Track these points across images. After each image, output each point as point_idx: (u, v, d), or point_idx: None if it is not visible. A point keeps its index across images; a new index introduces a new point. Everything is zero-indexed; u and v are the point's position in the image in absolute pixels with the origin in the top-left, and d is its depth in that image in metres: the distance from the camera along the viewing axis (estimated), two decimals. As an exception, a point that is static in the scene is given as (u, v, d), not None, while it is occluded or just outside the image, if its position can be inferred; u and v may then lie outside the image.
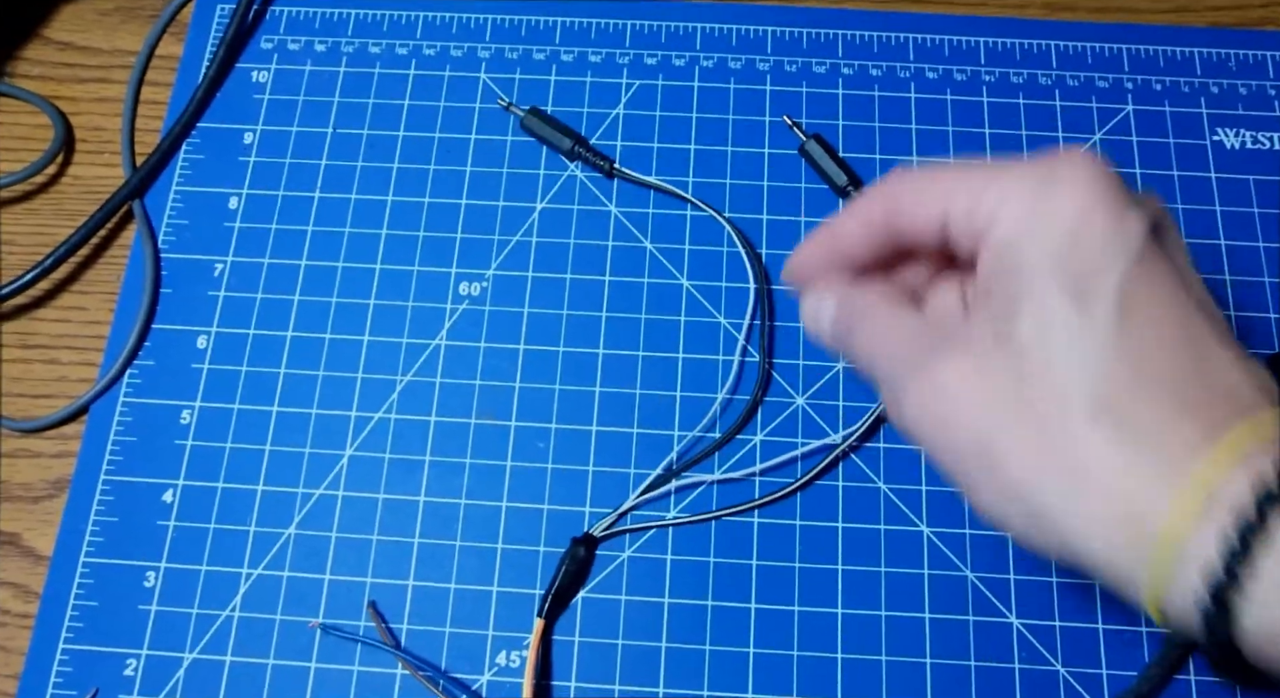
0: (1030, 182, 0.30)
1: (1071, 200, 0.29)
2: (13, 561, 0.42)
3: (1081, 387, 0.27)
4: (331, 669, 0.40)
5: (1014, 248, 0.29)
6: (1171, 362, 0.28)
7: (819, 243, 0.35)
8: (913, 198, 0.32)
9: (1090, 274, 0.28)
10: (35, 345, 0.46)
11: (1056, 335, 0.28)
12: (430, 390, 0.44)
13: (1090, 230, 0.29)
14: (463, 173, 0.49)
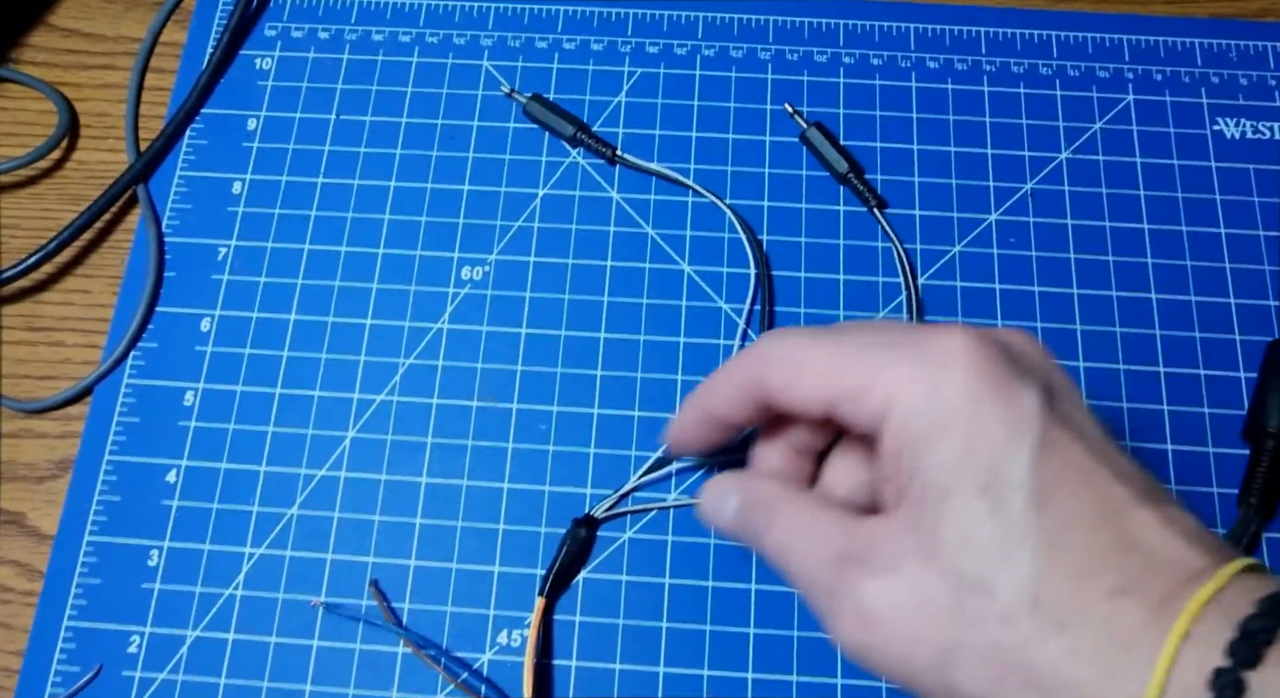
0: (916, 369, 0.29)
1: (961, 387, 0.29)
2: (17, 539, 0.43)
3: (1018, 592, 0.27)
4: (334, 648, 0.41)
5: (915, 446, 0.29)
6: (1098, 542, 0.27)
7: (694, 408, 0.35)
8: (786, 377, 0.32)
9: (997, 468, 0.28)
10: (40, 328, 0.46)
11: (979, 541, 0.27)
12: (432, 373, 0.45)
13: (987, 421, 0.28)
14: (465, 159, 0.49)
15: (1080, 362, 0.45)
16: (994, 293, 0.46)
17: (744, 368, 0.33)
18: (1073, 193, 0.48)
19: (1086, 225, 0.47)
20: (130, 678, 0.41)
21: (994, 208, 0.48)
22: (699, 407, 0.35)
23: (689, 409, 0.35)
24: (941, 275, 0.47)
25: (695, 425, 0.36)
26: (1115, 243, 0.47)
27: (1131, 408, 0.44)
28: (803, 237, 0.48)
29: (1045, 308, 0.46)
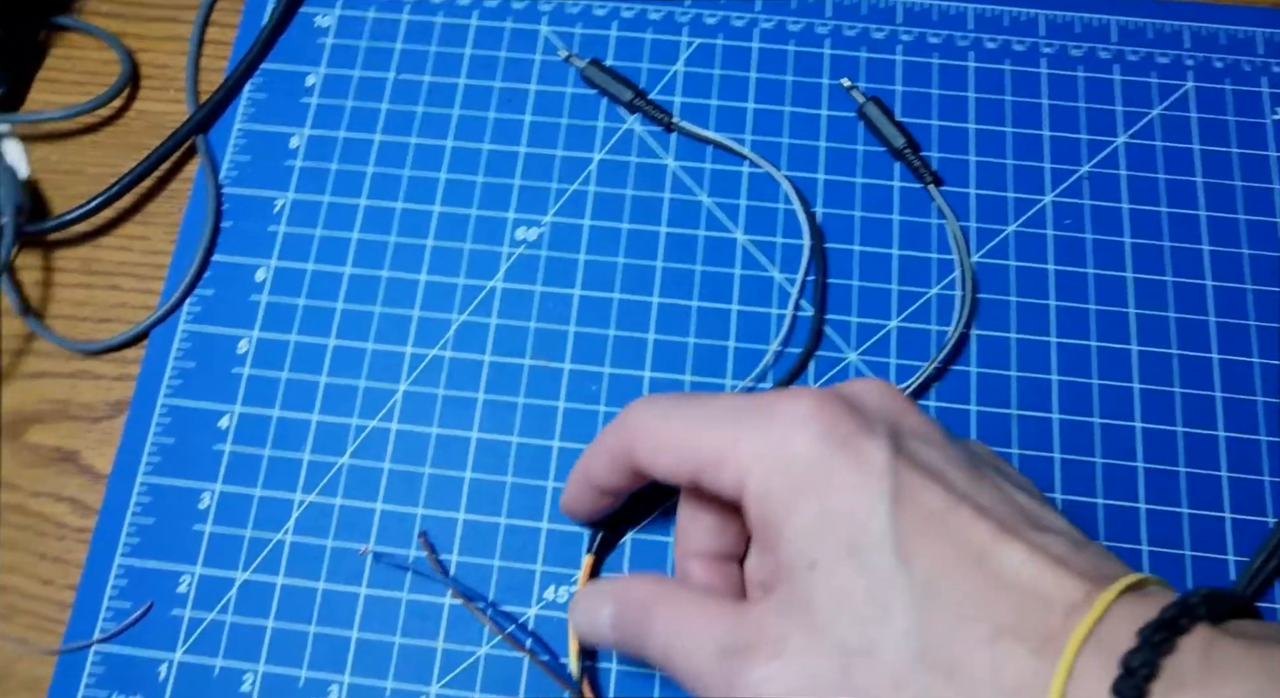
0: (765, 436, 0.29)
1: (810, 451, 0.29)
2: (72, 477, 0.43)
3: (901, 650, 0.27)
4: (381, 596, 0.41)
5: (776, 516, 0.29)
6: (971, 586, 0.27)
7: (576, 475, 0.36)
8: (650, 447, 0.32)
9: (857, 529, 0.28)
10: (98, 272, 0.47)
11: (853, 605, 0.27)
12: (485, 331, 0.45)
13: (840, 483, 0.28)
14: (522, 121, 0.49)
15: (1133, 345, 0.45)
16: (1047, 273, 0.46)
17: (614, 437, 0.34)
18: (1129, 177, 0.48)
19: (1142, 210, 0.47)
20: (179, 617, 0.41)
21: (1049, 189, 0.48)
22: (580, 473, 0.36)
23: (573, 475, 0.37)
24: (994, 254, 0.47)
25: (580, 492, 0.37)
26: (1171, 228, 0.47)
27: (1184, 393, 0.44)
28: (857, 211, 0.48)
29: (1098, 290, 0.46)
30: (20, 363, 0.45)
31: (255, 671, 0.40)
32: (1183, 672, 0.24)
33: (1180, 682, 0.24)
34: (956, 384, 0.44)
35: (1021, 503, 0.28)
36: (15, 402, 0.44)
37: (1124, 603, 0.25)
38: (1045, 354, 0.45)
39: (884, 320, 0.46)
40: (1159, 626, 0.23)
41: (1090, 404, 0.44)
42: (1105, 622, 0.24)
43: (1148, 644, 0.23)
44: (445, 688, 0.40)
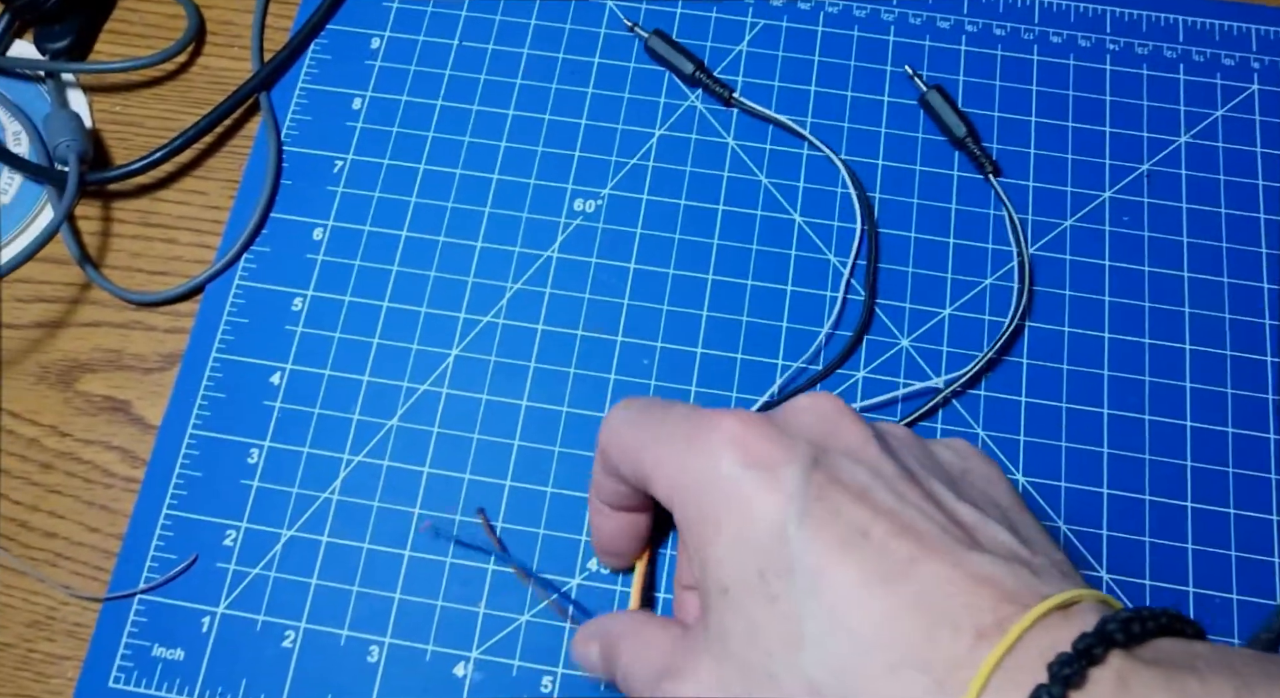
0: (688, 460, 0.29)
1: (727, 476, 0.28)
2: (123, 427, 0.43)
3: (798, 679, 0.26)
4: (425, 559, 0.41)
5: (698, 542, 0.29)
6: (879, 611, 0.25)
7: (591, 502, 0.37)
8: (617, 452, 0.33)
9: (768, 555, 0.27)
10: (156, 224, 0.47)
11: (761, 631, 0.27)
12: (539, 300, 0.45)
13: (753, 508, 0.28)
14: (584, 94, 0.49)
15: (1187, 344, 0.45)
16: (1103, 269, 0.46)
17: (599, 441, 0.34)
18: (1190, 177, 0.48)
19: (1202, 210, 0.47)
20: (224, 570, 0.41)
21: (1109, 185, 0.48)
22: (591, 495, 0.37)
23: (589, 504, 0.38)
24: (1051, 248, 0.46)
25: (597, 517, 0.38)
26: (1230, 230, 0.47)
27: (1235, 395, 0.44)
28: (915, 198, 0.48)
29: (1154, 289, 0.46)
30: (75, 311, 0.45)
31: (297, 627, 0.40)
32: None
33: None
34: (1008, 375, 0.44)
35: (963, 517, 0.27)
36: (69, 349, 0.45)
37: (1043, 628, 0.23)
38: (1099, 349, 0.45)
39: (938, 308, 0.45)
40: (1071, 658, 0.22)
41: (1141, 401, 0.44)
42: (1017, 651, 0.23)
43: (1057, 679, 0.21)
44: (485, 654, 0.40)
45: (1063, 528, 0.42)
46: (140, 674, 0.40)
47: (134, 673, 0.40)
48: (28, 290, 0.45)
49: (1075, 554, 0.41)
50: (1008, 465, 0.43)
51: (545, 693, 0.39)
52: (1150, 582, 0.41)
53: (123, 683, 0.40)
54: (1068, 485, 0.42)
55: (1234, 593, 0.41)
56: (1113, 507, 0.42)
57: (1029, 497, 0.42)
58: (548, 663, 0.40)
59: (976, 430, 0.43)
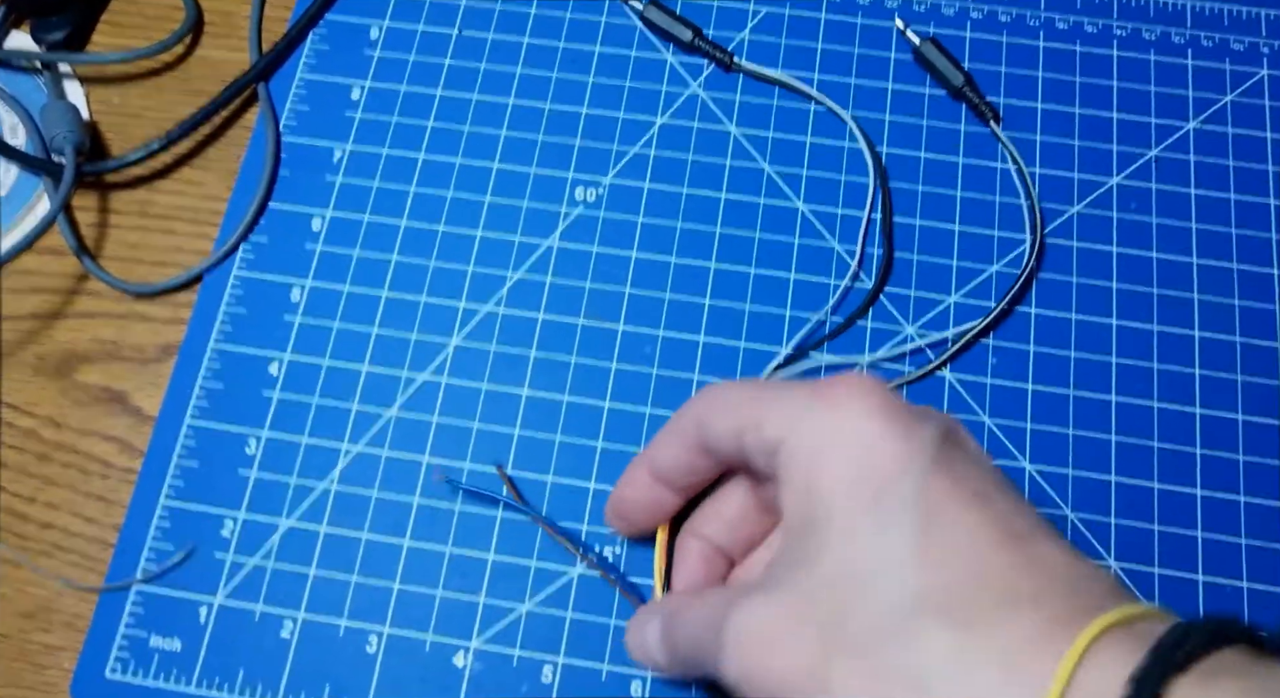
0: (813, 404, 0.29)
1: (856, 420, 0.28)
2: (119, 417, 0.43)
3: (900, 595, 0.26)
4: (423, 549, 0.41)
5: (806, 470, 0.29)
6: (992, 561, 0.26)
7: (636, 473, 0.36)
8: (713, 410, 0.32)
9: (887, 487, 0.27)
10: (153, 215, 0.47)
11: (860, 552, 0.27)
12: (540, 289, 0.45)
13: (879, 446, 0.28)
14: (585, 83, 0.49)
15: (1196, 331, 0.44)
16: (1110, 256, 0.45)
17: (688, 409, 0.34)
18: (1198, 163, 0.47)
19: (1210, 196, 0.47)
20: (222, 561, 0.41)
21: (1116, 172, 0.47)
22: (636, 471, 0.36)
23: (630, 473, 0.37)
24: (1059, 234, 0.46)
25: (636, 488, 0.37)
26: (1239, 215, 0.46)
27: (1245, 382, 0.43)
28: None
29: (1162, 275, 0.45)
30: (72, 302, 0.45)
31: (295, 618, 0.40)
32: None
33: None
34: (1013, 360, 0.44)
35: (1053, 529, 0.28)
36: (66, 340, 0.44)
37: (1155, 615, 0.25)
38: (1106, 336, 0.44)
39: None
40: (1173, 644, 0.23)
41: (1150, 388, 0.43)
42: (1136, 621, 0.24)
43: (1182, 637, 0.23)
44: (485, 644, 0.40)
45: (1070, 515, 0.41)
46: (137, 665, 0.39)
47: (131, 664, 0.39)
48: (25, 281, 0.45)
49: (1082, 540, 0.41)
50: (1015, 453, 0.42)
51: (546, 684, 0.39)
52: (1159, 570, 0.40)
53: (120, 674, 0.39)
54: (1074, 473, 0.42)
55: (1244, 581, 0.40)
56: (1120, 495, 0.41)
57: (1035, 485, 0.42)
58: (548, 653, 0.39)
59: (983, 418, 0.43)
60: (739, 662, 0.28)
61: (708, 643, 0.30)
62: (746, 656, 0.28)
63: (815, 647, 0.27)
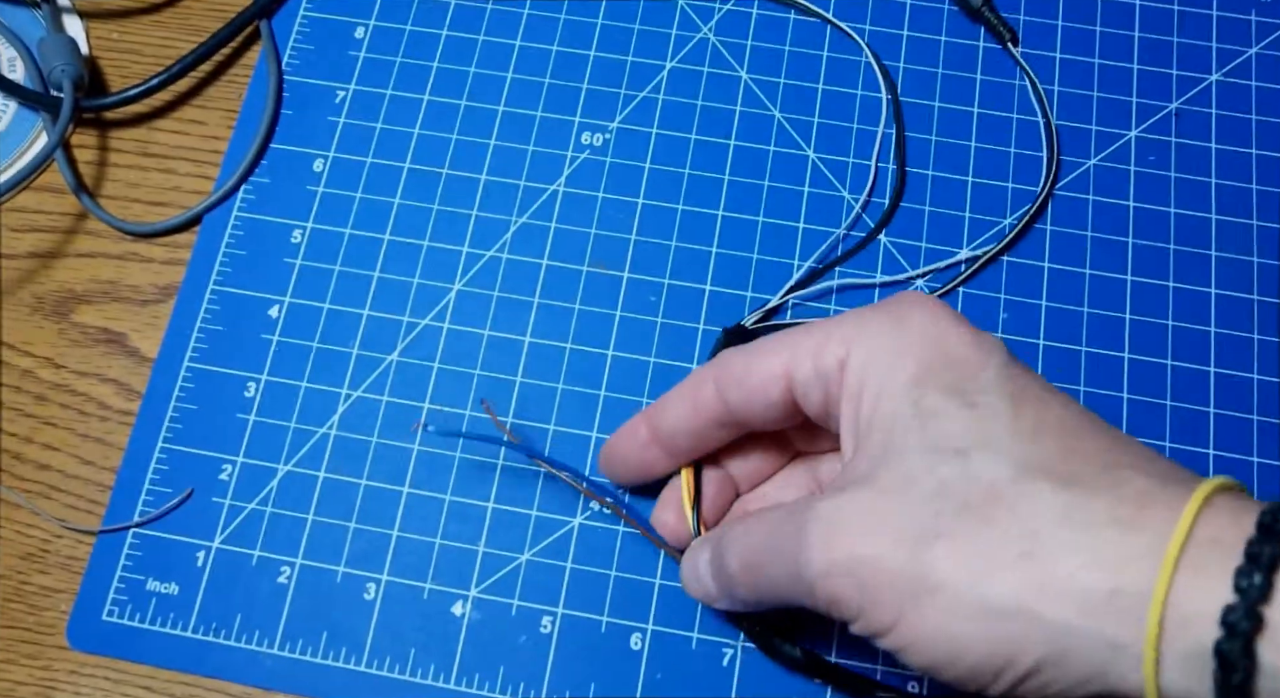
0: (875, 317, 0.29)
1: (925, 325, 0.28)
2: (118, 359, 0.42)
3: (1001, 461, 0.26)
4: (423, 496, 0.40)
5: (880, 373, 0.28)
6: (1086, 437, 0.26)
7: (640, 423, 0.35)
8: (744, 367, 0.31)
9: (967, 375, 0.27)
10: (153, 155, 0.46)
11: (953, 428, 0.26)
12: (544, 234, 0.44)
13: (954, 343, 0.28)
14: (593, 24, 0.48)
15: (1212, 288, 0.43)
16: (1127, 209, 0.45)
17: (693, 380, 0.33)
18: (1220, 116, 0.46)
19: (1232, 151, 0.45)
20: (220, 504, 0.40)
21: (1135, 124, 0.46)
22: (638, 427, 0.35)
23: (627, 433, 0.36)
24: (1074, 188, 0.45)
25: (634, 447, 0.36)
26: (1260, 171, 0.45)
27: (1261, 340, 0.42)
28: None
29: (1180, 231, 0.44)
30: (71, 242, 0.45)
31: (293, 563, 0.40)
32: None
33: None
34: (1026, 322, 0.43)
35: None
36: (64, 280, 0.44)
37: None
38: (1120, 292, 0.43)
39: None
40: None
41: (1164, 347, 0.42)
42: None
43: None
44: (484, 593, 0.39)
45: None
46: (134, 608, 0.39)
47: (128, 607, 0.39)
48: (22, 220, 0.45)
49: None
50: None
51: (544, 634, 0.39)
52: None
53: (116, 616, 0.39)
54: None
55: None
56: (1131, 451, 0.40)
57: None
58: (548, 603, 0.39)
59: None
60: (828, 554, 0.27)
61: (784, 547, 0.29)
62: (837, 546, 0.27)
63: (915, 523, 0.26)
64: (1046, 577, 0.24)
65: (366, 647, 0.38)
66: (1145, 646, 0.23)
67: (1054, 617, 0.24)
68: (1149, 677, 0.23)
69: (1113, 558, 0.24)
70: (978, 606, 0.25)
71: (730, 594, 0.32)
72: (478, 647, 0.38)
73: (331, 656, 0.38)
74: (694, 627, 0.38)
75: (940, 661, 0.26)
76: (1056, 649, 0.24)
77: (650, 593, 0.39)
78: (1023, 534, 0.25)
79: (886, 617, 0.26)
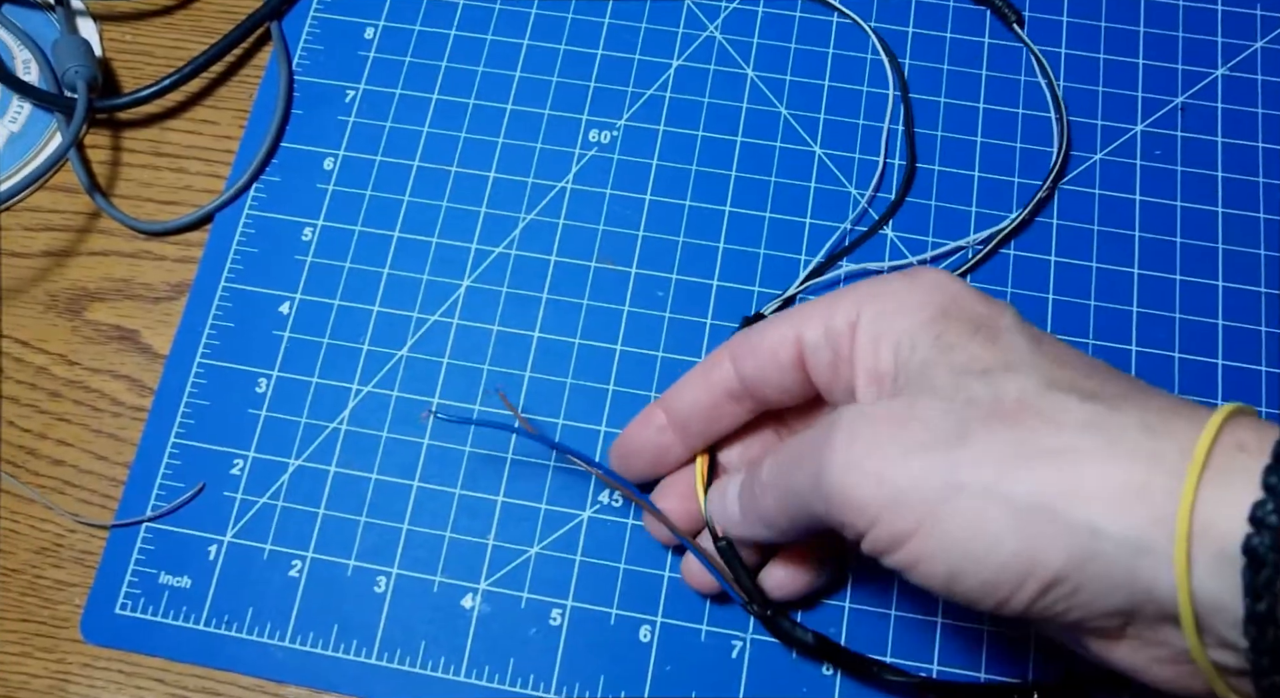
0: (887, 281, 0.30)
1: (936, 285, 0.29)
2: (130, 356, 0.43)
3: (1029, 375, 0.26)
4: (433, 490, 0.41)
5: (896, 324, 0.28)
6: (1102, 372, 0.27)
7: (655, 408, 0.35)
8: (757, 335, 0.32)
9: (986, 318, 0.28)
10: (165, 154, 0.46)
11: (979, 355, 0.27)
12: (553, 231, 0.44)
13: (966, 299, 0.28)
14: (600, 24, 0.48)
15: (1220, 281, 0.43)
16: (1133, 203, 0.45)
17: (713, 354, 0.34)
18: (1226, 110, 0.46)
19: (1238, 144, 0.46)
20: (231, 499, 0.41)
21: (1141, 119, 0.46)
22: (653, 413, 0.36)
23: (643, 419, 0.36)
24: (1080, 182, 0.45)
25: (649, 433, 0.36)
26: (1267, 164, 0.45)
27: (1269, 332, 0.42)
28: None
29: (1186, 224, 0.44)
30: (84, 240, 0.45)
31: (304, 557, 0.40)
32: None
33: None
34: (1033, 316, 0.43)
35: None
36: (78, 278, 0.44)
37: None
38: (1128, 285, 0.43)
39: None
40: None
41: (1171, 339, 0.42)
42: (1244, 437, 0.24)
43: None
44: (493, 586, 0.39)
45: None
46: (147, 601, 0.39)
47: (141, 600, 0.39)
48: (37, 219, 0.45)
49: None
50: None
51: (554, 627, 0.39)
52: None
53: (129, 610, 0.39)
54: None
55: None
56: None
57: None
58: (557, 596, 0.39)
59: (999, 366, 0.42)
60: (849, 453, 0.27)
61: (809, 451, 0.28)
62: (858, 446, 0.27)
63: (942, 427, 0.26)
64: (1074, 476, 0.24)
65: (377, 640, 0.38)
66: (1176, 545, 0.23)
67: (1081, 517, 0.24)
68: (1180, 577, 0.23)
69: (1142, 459, 0.24)
70: (1004, 502, 0.25)
71: (757, 512, 0.32)
72: (488, 640, 0.38)
73: (342, 648, 0.38)
74: (703, 619, 0.39)
75: (959, 568, 0.25)
76: (1083, 552, 0.24)
77: (659, 586, 0.39)
78: (1051, 435, 0.25)
79: (904, 523, 0.26)
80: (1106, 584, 0.24)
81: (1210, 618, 0.23)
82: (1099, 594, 0.24)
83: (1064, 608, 0.25)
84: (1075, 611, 0.25)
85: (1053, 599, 0.25)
